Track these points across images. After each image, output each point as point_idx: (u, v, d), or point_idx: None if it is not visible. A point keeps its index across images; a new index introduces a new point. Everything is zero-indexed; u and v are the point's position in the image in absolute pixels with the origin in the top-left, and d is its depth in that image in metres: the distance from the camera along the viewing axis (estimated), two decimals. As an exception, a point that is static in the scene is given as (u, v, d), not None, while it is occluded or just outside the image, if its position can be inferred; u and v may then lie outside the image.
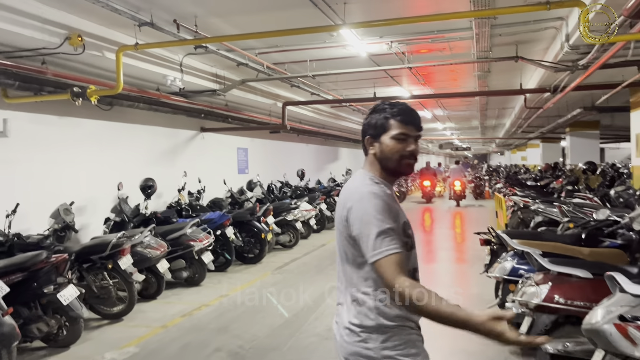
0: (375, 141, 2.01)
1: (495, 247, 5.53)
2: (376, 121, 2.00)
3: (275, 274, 8.52)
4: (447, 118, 20.79)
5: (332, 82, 11.09)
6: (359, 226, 1.88)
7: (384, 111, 2.00)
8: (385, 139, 1.98)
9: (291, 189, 14.32)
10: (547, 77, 9.06)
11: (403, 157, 1.98)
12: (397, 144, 1.97)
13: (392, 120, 1.97)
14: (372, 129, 2.01)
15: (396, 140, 1.97)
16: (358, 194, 1.93)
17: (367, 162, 2.06)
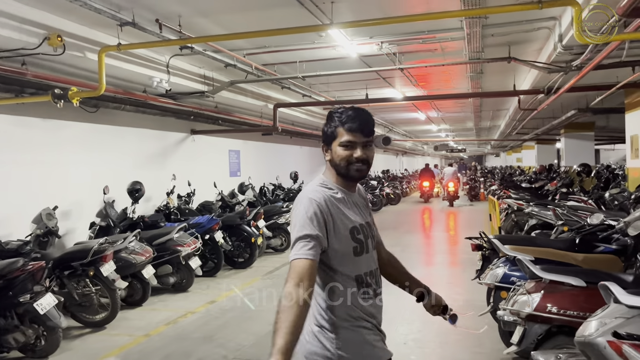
0: (328, 148, 2.06)
1: (487, 253, 5.39)
2: (327, 129, 2.06)
3: (265, 279, 8.36)
4: (441, 120, 20.68)
5: (324, 84, 10.96)
6: (292, 228, 1.98)
7: (333, 119, 2.04)
8: (334, 146, 2.02)
9: (284, 191, 14.14)
10: (541, 78, 8.94)
11: (350, 163, 2.00)
12: (344, 150, 2.00)
13: (340, 128, 2.01)
14: (325, 136, 2.07)
15: (343, 147, 2.00)
16: (299, 199, 2.00)
17: (326, 168, 2.12)
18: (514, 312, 3.78)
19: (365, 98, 10.63)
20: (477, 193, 24.04)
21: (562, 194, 10.06)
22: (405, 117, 18.63)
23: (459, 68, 9.39)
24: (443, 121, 21.49)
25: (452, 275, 8.11)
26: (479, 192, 24.15)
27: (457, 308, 2.56)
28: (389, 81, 10.79)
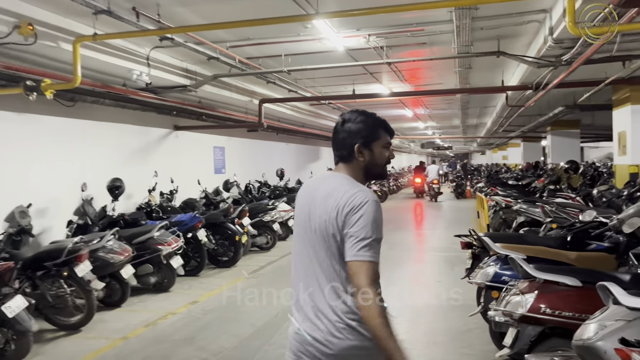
0: (364, 149, 2.08)
1: (477, 251, 5.23)
2: (370, 129, 2.09)
3: (249, 278, 8.14)
4: (428, 117, 20.59)
5: (310, 79, 10.75)
6: (362, 227, 1.89)
7: (370, 120, 2.11)
8: (376, 147, 2.09)
9: (270, 189, 13.92)
10: (530, 74, 8.83)
11: (387, 163, 2.17)
12: (385, 151, 2.12)
13: (380, 129, 2.11)
14: (362, 137, 2.08)
15: (384, 149, 2.12)
16: (364, 197, 1.95)
17: (348, 168, 2.11)
18: (507, 314, 3.62)
19: (352, 94, 10.44)
20: (464, 190, 24.03)
21: (550, 191, 9.98)
22: (393, 114, 18.47)
23: (447, 63, 9.24)
24: (430, 118, 21.40)
25: (441, 273, 7.96)
26: (465, 189, 24.14)
27: (444, 310, 2.46)
28: (376, 76, 10.61)
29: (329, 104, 13.18)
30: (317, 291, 2.01)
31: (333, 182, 2.06)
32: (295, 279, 2.12)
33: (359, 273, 1.87)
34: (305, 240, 2.06)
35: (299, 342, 2.04)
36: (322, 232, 1.99)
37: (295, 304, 2.09)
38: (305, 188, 2.20)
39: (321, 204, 2.01)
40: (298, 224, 2.12)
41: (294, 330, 2.08)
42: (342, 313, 1.96)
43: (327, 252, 1.99)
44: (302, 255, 2.08)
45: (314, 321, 2.00)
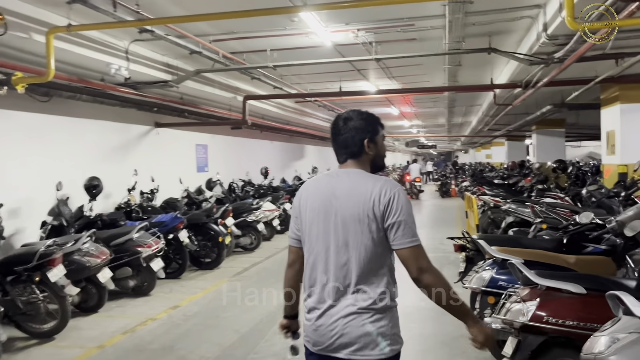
0: (371, 143, 2.23)
1: (471, 254, 5.04)
2: (372, 125, 2.25)
3: (233, 281, 7.88)
4: (414, 115, 20.47)
5: (296, 75, 10.49)
6: (405, 212, 2.09)
7: (370, 117, 2.27)
8: (379, 140, 2.27)
9: (254, 187, 13.63)
10: (519, 72, 8.69)
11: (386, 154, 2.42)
12: (384, 144, 2.34)
13: (378, 124, 2.28)
14: (368, 132, 2.23)
15: (383, 141, 2.32)
16: (395, 186, 2.13)
17: (358, 163, 2.24)
18: (507, 322, 3.42)
19: (339, 91, 10.21)
20: (448, 189, 24.01)
21: (539, 191, 9.86)
22: (378, 112, 18.10)
23: (436, 60, 9.07)
24: (416, 117, 21.29)
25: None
26: (450, 188, 24.11)
27: (436, 313, 2.47)
28: (363, 73, 10.39)
29: (314, 102, 12.94)
30: (334, 285, 2.13)
31: (352, 177, 2.19)
32: (314, 270, 2.20)
33: (418, 256, 2.11)
34: (328, 233, 2.15)
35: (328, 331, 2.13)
36: (354, 223, 2.10)
37: (318, 293, 2.18)
38: (317, 185, 2.27)
39: (348, 198, 2.12)
40: (318, 221, 2.18)
41: (321, 321, 2.15)
42: (359, 302, 2.10)
43: (360, 242, 2.10)
44: (325, 250, 2.16)
45: (343, 309, 2.12)
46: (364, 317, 2.09)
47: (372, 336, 2.09)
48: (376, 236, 2.09)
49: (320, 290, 2.17)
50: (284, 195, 12.73)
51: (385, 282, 2.15)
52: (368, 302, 2.10)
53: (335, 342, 2.11)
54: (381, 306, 2.12)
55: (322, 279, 2.16)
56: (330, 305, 2.13)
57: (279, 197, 12.45)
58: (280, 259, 9.47)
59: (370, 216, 2.08)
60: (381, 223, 2.08)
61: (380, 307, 2.11)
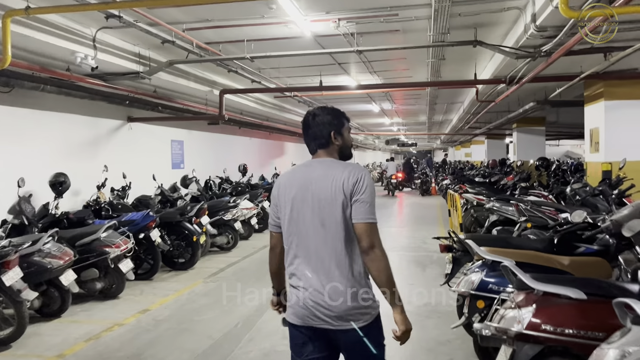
0: (337, 135, 2.49)
1: (458, 255, 4.77)
2: (338, 119, 2.51)
3: (207, 282, 7.51)
4: (395, 112, 20.27)
5: (275, 69, 10.15)
6: (367, 193, 2.33)
7: (335, 112, 2.55)
8: (344, 132, 2.53)
9: (231, 185, 13.25)
10: (504, 67, 8.49)
11: (351, 145, 2.64)
12: (349, 135, 2.59)
13: (343, 118, 2.56)
14: (334, 125, 2.49)
15: (349, 133, 2.58)
16: (362, 170, 2.38)
17: (328, 152, 2.49)
18: (501, 330, 3.16)
19: (319, 85, 9.89)
20: (429, 187, 23.90)
21: (522, 189, 9.70)
22: (359, 109, 18.05)
23: (419, 54, 8.82)
24: (397, 114, 21.09)
25: (412, 275, 7.52)
26: (430, 186, 24.01)
27: (420, 317, 2.39)
28: (344, 67, 10.10)
29: (294, 97, 12.60)
30: (319, 262, 2.34)
31: (324, 164, 2.43)
32: (298, 251, 2.39)
33: (369, 232, 2.30)
34: (305, 215, 2.37)
35: (311, 303, 2.34)
36: (328, 204, 2.33)
37: (303, 272, 2.37)
38: (293, 175, 2.50)
39: (321, 182, 2.36)
40: (296, 205, 2.39)
41: (304, 295, 2.35)
42: (347, 277, 2.33)
43: (335, 220, 2.33)
44: (305, 230, 2.37)
45: (323, 283, 2.32)
46: (344, 288, 2.31)
47: (352, 305, 2.32)
48: (348, 214, 2.33)
49: (301, 267, 2.38)
50: (262, 193, 12.37)
51: (360, 255, 2.37)
52: (346, 274, 2.33)
53: (317, 313, 2.32)
54: (358, 277, 2.36)
55: (303, 257, 2.38)
56: (312, 280, 2.34)
57: (257, 194, 12.10)
58: (258, 259, 9.13)
59: (341, 196, 2.32)
60: (349, 201, 2.32)
61: (357, 278, 2.35)
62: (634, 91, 8.65)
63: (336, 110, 2.57)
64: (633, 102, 8.68)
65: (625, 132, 8.68)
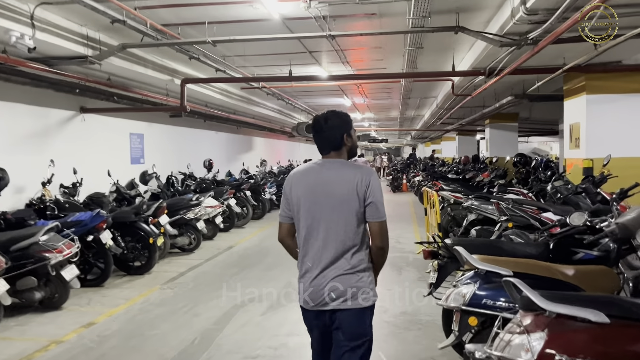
0: (348, 136, 2.77)
1: (444, 262, 4.24)
2: (346, 122, 2.78)
3: (164, 289, 6.82)
4: (366, 107, 19.77)
5: (241, 57, 9.45)
6: (378, 194, 2.67)
7: (344, 115, 2.81)
8: (353, 133, 2.81)
9: (195, 181, 12.50)
10: (484, 58, 8.03)
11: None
12: (355, 136, 2.87)
13: (351, 121, 2.83)
14: (346, 129, 2.77)
15: (355, 134, 2.86)
16: (372, 173, 2.70)
17: (339, 153, 2.78)
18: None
19: (288, 75, 9.26)
20: (400, 184, 23.54)
21: (501, 187, 9.30)
22: (330, 102, 17.47)
23: (396, 42, 8.28)
24: (368, 109, 20.60)
25: (388, 279, 6.97)
26: (402, 183, 23.65)
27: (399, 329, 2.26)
28: (315, 57, 9.49)
29: (262, 88, 11.92)
30: (322, 255, 2.67)
31: (337, 165, 2.71)
32: (307, 242, 2.70)
33: (383, 230, 2.69)
34: (319, 212, 2.66)
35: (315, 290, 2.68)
36: (341, 203, 2.63)
37: (311, 261, 2.69)
38: (306, 173, 2.74)
39: (336, 182, 2.65)
40: (308, 203, 2.68)
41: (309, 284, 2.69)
42: (347, 265, 2.65)
43: (346, 218, 2.63)
44: (316, 224, 2.66)
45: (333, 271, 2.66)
46: (350, 276, 2.64)
47: (357, 290, 2.65)
48: (359, 212, 2.64)
49: (313, 258, 2.68)
50: (229, 190, 11.67)
51: (365, 248, 2.72)
52: (353, 264, 2.66)
53: (327, 298, 2.64)
54: (363, 267, 2.69)
55: (315, 249, 2.67)
56: (322, 269, 2.65)
57: (222, 192, 11.39)
58: (222, 262, 8.46)
59: (354, 197, 2.61)
60: (362, 202, 2.63)
61: (362, 268, 2.68)
62: (617, 85, 8.31)
63: (345, 114, 2.81)
64: (615, 97, 8.34)
65: (607, 127, 8.34)
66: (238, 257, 8.86)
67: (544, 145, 38.23)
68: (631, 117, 8.30)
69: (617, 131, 8.32)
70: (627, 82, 8.27)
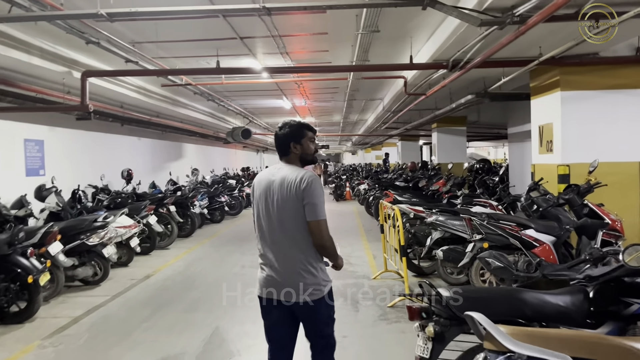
0: (297, 144, 3.03)
1: (441, 326, 2.79)
2: (298, 131, 3.05)
3: (45, 347, 5.04)
4: (307, 110, 18.35)
5: (155, 44, 7.71)
6: (315, 197, 2.87)
7: (296, 124, 3.07)
8: (304, 142, 3.05)
9: (110, 196, 10.54)
10: (449, 47, 6.79)
11: (315, 152, 3.14)
12: (311, 144, 3.10)
13: (304, 129, 3.08)
14: (293, 137, 3.03)
15: (311, 142, 3.10)
16: (312, 176, 2.90)
17: (289, 159, 3.05)
18: None
19: (216, 67, 7.65)
20: (343, 192, 22.33)
21: (466, 197, 8.07)
22: (268, 105, 15.94)
23: (346, 26, 6.89)
24: (310, 112, 19.20)
25: (341, 320, 5.47)
26: (345, 191, 22.44)
27: None
28: (248, 44, 7.92)
29: (187, 86, 10.22)
30: (285, 251, 2.94)
31: (285, 169, 3.00)
32: (262, 240, 3.02)
33: (320, 227, 2.87)
34: (270, 211, 2.95)
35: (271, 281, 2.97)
36: (285, 203, 2.89)
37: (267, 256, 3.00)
38: (263, 176, 3.08)
39: (280, 184, 2.92)
40: (261, 203, 3.00)
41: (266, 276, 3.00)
42: (307, 262, 2.92)
43: (291, 216, 2.89)
44: (267, 222, 2.97)
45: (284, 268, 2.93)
46: (299, 271, 2.90)
47: (306, 284, 2.90)
48: (300, 212, 2.87)
49: (268, 253, 2.97)
50: (147, 205, 9.84)
51: (312, 246, 2.92)
52: (302, 260, 2.91)
53: (282, 290, 2.91)
54: (311, 262, 2.93)
55: (268, 246, 2.97)
56: (277, 263, 2.93)
57: (139, 208, 9.57)
58: (134, 298, 6.70)
59: (294, 197, 2.87)
60: (301, 202, 2.86)
61: (310, 263, 2.93)
62: (594, 80, 7.31)
63: (298, 124, 3.07)
64: (592, 93, 7.35)
65: (586, 128, 7.32)
66: (155, 290, 7.13)
67: (480, 150, 38.41)
68: (611, 116, 7.32)
69: (596, 133, 7.32)
70: (604, 76, 7.28)
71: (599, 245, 6.17)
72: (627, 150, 7.29)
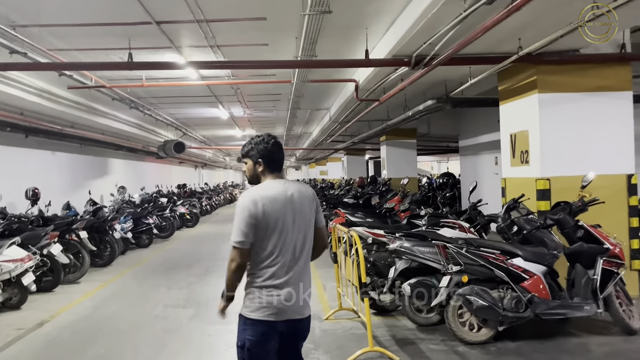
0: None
1: None
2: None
3: None
4: (247, 121, 16.90)
5: (45, 28, 6.09)
6: (320, 205, 2.97)
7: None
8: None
9: (4, 221, 8.64)
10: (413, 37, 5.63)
11: None
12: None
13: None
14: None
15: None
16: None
17: (281, 174, 2.97)
18: None
19: (128, 61, 6.14)
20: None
21: (432, 218, 6.89)
22: (203, 114, 14.39)
23: (289, 8, 5.60)
24: (250, 124, 17.75)
25: None
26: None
27: None
28: (168, 33, 6.44)
29: (100, 89, 8.58)
30: (300, 269, 2.81)
31: (290, 185, 2.86)
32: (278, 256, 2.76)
33: (325, 231, 2.99)
34: (300, 229, 2.80)
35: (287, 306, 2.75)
36: (310, 219, 2.86)
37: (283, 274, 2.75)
38: (276, 193, 2.79)
39: (301, 201, 2.83)
40: (288, 221, 2.76)
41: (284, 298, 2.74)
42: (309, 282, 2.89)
43: (311, 231, 2.87)
44: (297, 241, 2.78)
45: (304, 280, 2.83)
46: (310, 281, 2.89)
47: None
48: (313, 223, 2.89)
49: (284, 271, 2.73)
50: (50, 232, 8.07)
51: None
52: (310, 275, 2.89)
53: (303, 309, 2.79)
54: None
55: (292, 261, 2.76)
56: (294, 281, 2.76)
57: (38, 235, 7.81)
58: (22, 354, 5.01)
59: (313, 210, 2.88)
60: (314, 214, 2.89)
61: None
62: (574, 81, 6.38)
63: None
64: (574, 96, 6.40)
65: (568, 136, 6.35)
66: (44, 345, 5.45)
67: (424, 165, 38.13)
68: (596, 123, 6.39)
69: (580, 141, 6.37)
70: (586, 76, 6.36)
71: (598, 275, 5.15)
72: (613, 161, 6.38)
